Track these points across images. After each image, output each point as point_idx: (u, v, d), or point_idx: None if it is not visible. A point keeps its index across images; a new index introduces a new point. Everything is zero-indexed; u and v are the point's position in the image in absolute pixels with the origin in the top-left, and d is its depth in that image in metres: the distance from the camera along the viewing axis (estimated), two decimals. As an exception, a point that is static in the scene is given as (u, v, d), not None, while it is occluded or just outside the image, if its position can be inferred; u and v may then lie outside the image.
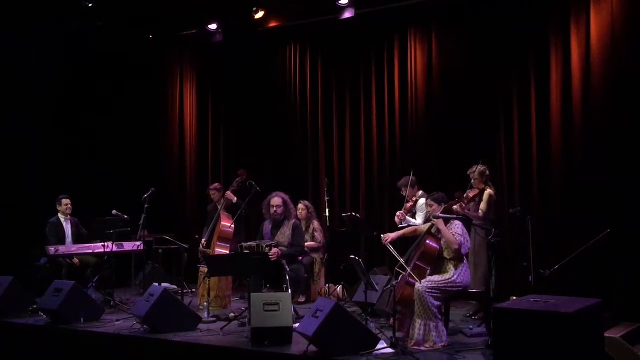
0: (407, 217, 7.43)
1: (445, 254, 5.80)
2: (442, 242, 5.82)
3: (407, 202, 7.49)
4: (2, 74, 9.44)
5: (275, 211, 7.45)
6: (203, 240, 8.28)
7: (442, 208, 5.95)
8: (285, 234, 7.44)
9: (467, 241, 5.84)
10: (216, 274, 7.06)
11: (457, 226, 5.83)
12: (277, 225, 7.52)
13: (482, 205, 6.87)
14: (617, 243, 6.48)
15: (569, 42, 7.65)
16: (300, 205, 8.32)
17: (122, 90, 10.61)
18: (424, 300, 5.51)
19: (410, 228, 6.55)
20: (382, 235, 6.30)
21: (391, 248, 6.07)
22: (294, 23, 9.73)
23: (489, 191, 6.92)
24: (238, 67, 10.30)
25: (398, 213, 7.45)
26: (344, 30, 9.27)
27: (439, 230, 5.87)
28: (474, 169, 6.99)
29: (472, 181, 6.96)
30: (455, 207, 6.28)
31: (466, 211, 6.52)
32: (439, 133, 8.62)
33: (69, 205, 8.48)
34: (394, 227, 7.45)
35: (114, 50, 10.32)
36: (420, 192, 7.55)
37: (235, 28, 9.89)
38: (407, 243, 6.37)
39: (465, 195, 6.53)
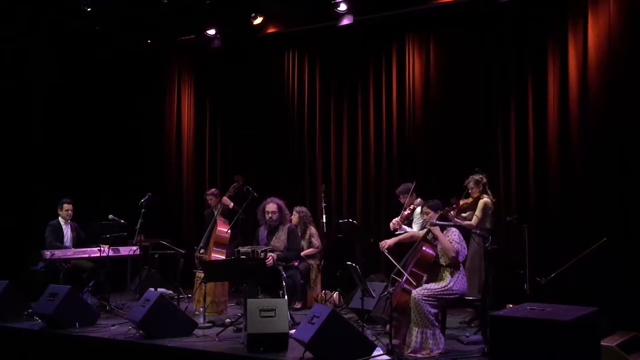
0: (403, 226, 7.41)
1: (442, 261, 5.79)
2: (438, 249, 5.82)
3: (405, 209, 7.48)
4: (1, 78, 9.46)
5: (271, 217, 7.43)
6: (200, 247, 8.26)
7: (438, 215, 5.95)
8: (280, 238, 7.42)
9: (464, 248, 5.85)
10: (212, 279, 7.05)
11: (454, 233, 5.83)
12: (273, 231, 7.49)
13: (477, 213, 6.87)
14: (614, 251, 6.49)
15: (566, 51, 7.67)
16: (293, 211, 8.34)
17: (119, 94, 10.61)
18: (421, 308, 5.50)
19: (407, 234, 6.54)
20: (379, 243, 6.29)
21: (388, 254, 6.06)
22: (292, 29, 9.74)
23: (484, 199, 6.91)
24: (236, 72, 10.31)
25: (393, 220, 7.44)
26: (343, 37, 9.28)
27: (435, 237, 5.87)
28: (470, 179, 7.00)
29: (469, 190, 6.97)
30: (450, 213, 6.28)
31: (456, 220, 6.51)
32: (436, 140, 8.62)
33: (70, 210, 8.46)
34: (390, 234, 7.44)
35: (112, 55, 10.33)
36: (418, 200, 7.52)
37: (233, 34, 9.90)
38: (403, 249, 6.36)
39: (457, 204, 6.53)
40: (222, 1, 9.38)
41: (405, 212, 7.44)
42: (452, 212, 6.32)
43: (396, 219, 7.43)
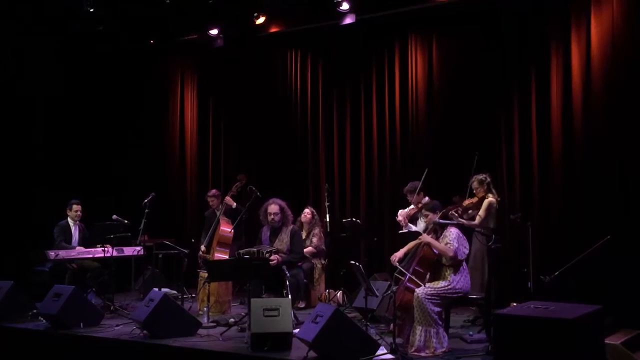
0: (409, 224, 7.41)
1: (444, 260, 5.79)
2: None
3: (412, 208, 7.47)
4: (2, 80, 9.47)
5: (273, 218, 7.44)
6: (203, 245, 8.27)
7: (439, 215, 5.95)
8: (283, 240, 7.43)
9: (465, 247, 5.81)
10: (216, 279, 7.05)
11: (452, 233, 5.81)
12: (275, 232, 7.50)
13: (481, 212, 6.85)
14: (617, 249, 6.48)
15: (569, 49, 7.66)
16: (307, 210, 8.41)
17: (122, 94, 10.62)
18: (424, 307, 5.50)
19: (413, 243, 6.47)
20: (390, 257, 6.24)
21: (399, 266, 6.00)
22: (294, 28, 9.74)
23: (489, 199, 6.89)
24: (239, 72, 10.31)
25: (401, 212, 7.42)
26: (345, 36, 9.28)
27: (436, 236, 5.87)
28: (473, 178, 6.99)
29: (473, 190, 6.96)
30: (452, 212, 6.27)
31: (460, 219, 6.50)
32: (440, 139, 8.62)
33: (79, 211, 8.49)
34: (393, 233, 7.41)
35: (114, 55, 10.34)
36: (426, 199, 7.50)
37: (236, 33, 9.90)
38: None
39: (461, 204, 6.52)
40: (224, 1, 9.39)
41: (412, 211, 7.43)
42: (453, 211, 6.31)
43: (403, 211, 7.41)
